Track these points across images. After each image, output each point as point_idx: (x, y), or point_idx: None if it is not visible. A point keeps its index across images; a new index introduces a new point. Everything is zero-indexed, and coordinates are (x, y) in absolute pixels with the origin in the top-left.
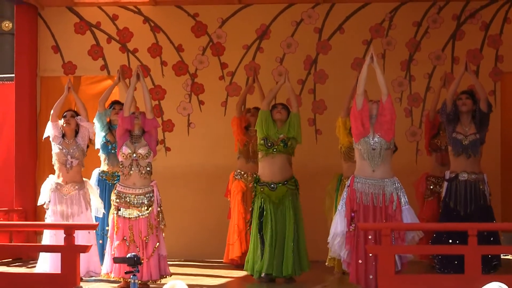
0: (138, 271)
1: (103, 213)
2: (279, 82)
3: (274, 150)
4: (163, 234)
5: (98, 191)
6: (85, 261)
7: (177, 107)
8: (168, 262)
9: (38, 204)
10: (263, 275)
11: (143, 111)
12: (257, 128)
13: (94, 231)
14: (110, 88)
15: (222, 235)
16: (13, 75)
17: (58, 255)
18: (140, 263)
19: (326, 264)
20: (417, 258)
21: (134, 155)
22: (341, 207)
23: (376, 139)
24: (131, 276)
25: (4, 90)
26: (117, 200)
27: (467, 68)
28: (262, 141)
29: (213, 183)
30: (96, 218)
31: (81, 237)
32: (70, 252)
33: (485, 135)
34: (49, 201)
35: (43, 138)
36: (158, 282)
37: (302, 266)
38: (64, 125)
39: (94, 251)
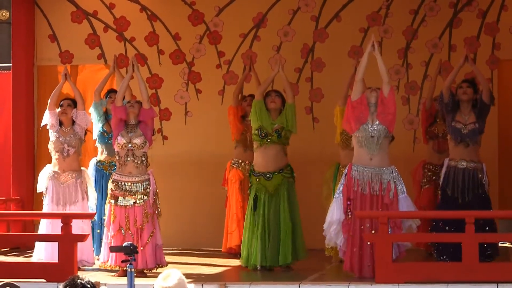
0: (135, 260)
1: (101, 203)
2: (273, 71)
3: (268, 140)
4: (159, 223)
5: (93, 180)
6: (78, 250)
7: (174, 95)
8: (165, 251)
9: (38, 191)
10: (258, 267)
11: (140, 100)
12: (251, 118)
13: (89, 220)
14: (106, 78)
15: (219, 224)
16: (10, 64)
17: (53, 244)
18: (137, 252)
19: (326, 254)
20: (414, 246)
21: (130, 145)
22: (338, 195)
23: (375, 126)
24: (128, 265)
25: (0, 79)
26: (114, 189)
27: (468, 60)
28: (256, 131)
29: (210, 171)
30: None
31: (75, 226)
32: (67, 241)
33: (484, 124)
34: (46, 189)
35: (41, 126)
36: (154, 270)
37: (298, 255)
38: (61, 113)
39: (87, 240)
